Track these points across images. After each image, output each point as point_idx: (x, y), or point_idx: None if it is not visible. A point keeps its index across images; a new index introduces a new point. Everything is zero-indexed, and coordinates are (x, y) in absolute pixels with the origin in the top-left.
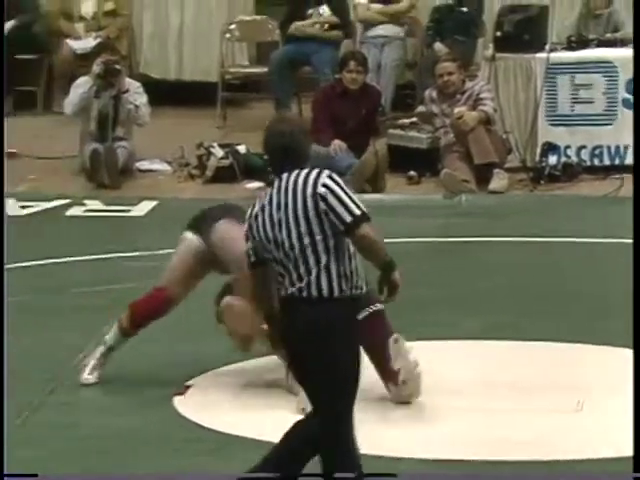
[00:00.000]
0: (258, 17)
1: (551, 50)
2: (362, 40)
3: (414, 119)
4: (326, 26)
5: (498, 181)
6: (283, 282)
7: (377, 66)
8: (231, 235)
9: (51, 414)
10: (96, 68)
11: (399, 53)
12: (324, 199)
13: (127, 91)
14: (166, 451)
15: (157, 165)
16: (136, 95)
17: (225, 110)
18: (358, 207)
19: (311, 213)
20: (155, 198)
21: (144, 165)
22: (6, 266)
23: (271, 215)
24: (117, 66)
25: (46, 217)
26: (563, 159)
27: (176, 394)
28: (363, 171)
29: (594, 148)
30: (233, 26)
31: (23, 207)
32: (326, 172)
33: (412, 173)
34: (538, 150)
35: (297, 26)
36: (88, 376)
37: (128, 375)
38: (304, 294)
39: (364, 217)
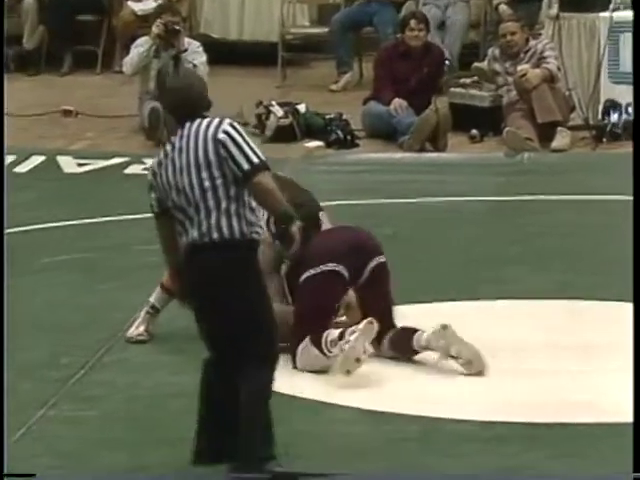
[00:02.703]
0: None
1: (614, 9)
2: (425, 2)
3: (476, 78)
4: None
5: (561, 139)
6: (185, 230)
7: (438, 26)
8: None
9: (106, 373)
10: (156, 29)
11: (465, 12)
12: (224, 145)
13: (186, 50)
14: None
15: None
16: (195, 54)
17: (285, 70)
18: (257, 155)
19: (212, 157)
20: None
21: None
22: (63, 223)
23: (173, 160)
24: (177, 27)
25: (104, 175)
26: (624, 117)
27: None
28: (423, 129)
29: None
30: None
31: (80, 165)
32: (227, 120)
33: (474, 132)
34: (600, 108)
35: None
36: (133, 332)
37: (180, 332)
38: (205, 239)
39: (262, 166)
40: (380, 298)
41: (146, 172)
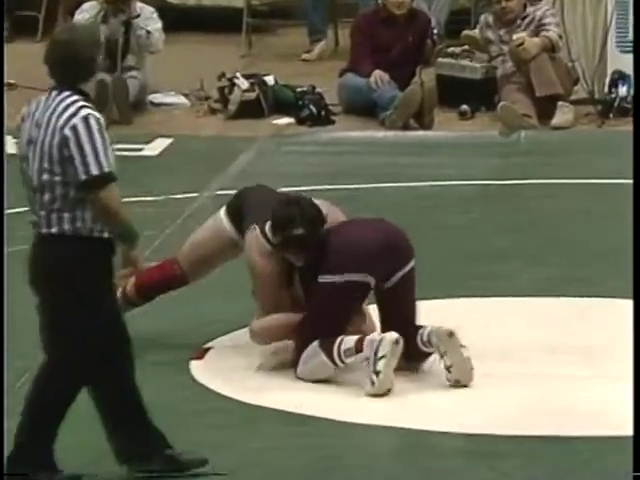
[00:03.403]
0: None
1: None
2: None
3: (466, 47)
4: None
5: (562, 115)
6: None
7: None
8: (252, 249)
9: None
10: None
11: None
12: (67, 144)
13: (138, 16)
14: (182, 424)
15: (173, 98)
16: (149, 21)
17: (250, 37)
18: (99, 166)
19: (55, 152)
20: (170, 135)
21: (158, 98)
22: (8, 211)
23: (30, 129)
24: None
25: None
26: (634, 90)
27: (193, 358)
28: (408, 105)
29: None
30: None
31: None
32: (84, 112)
33: (464, 107)
34: (607, 80)
35: None
36: None
37: (140, 335)
38: (37, 228)
39: (101, 180)
40: (404, 306)
41: None
